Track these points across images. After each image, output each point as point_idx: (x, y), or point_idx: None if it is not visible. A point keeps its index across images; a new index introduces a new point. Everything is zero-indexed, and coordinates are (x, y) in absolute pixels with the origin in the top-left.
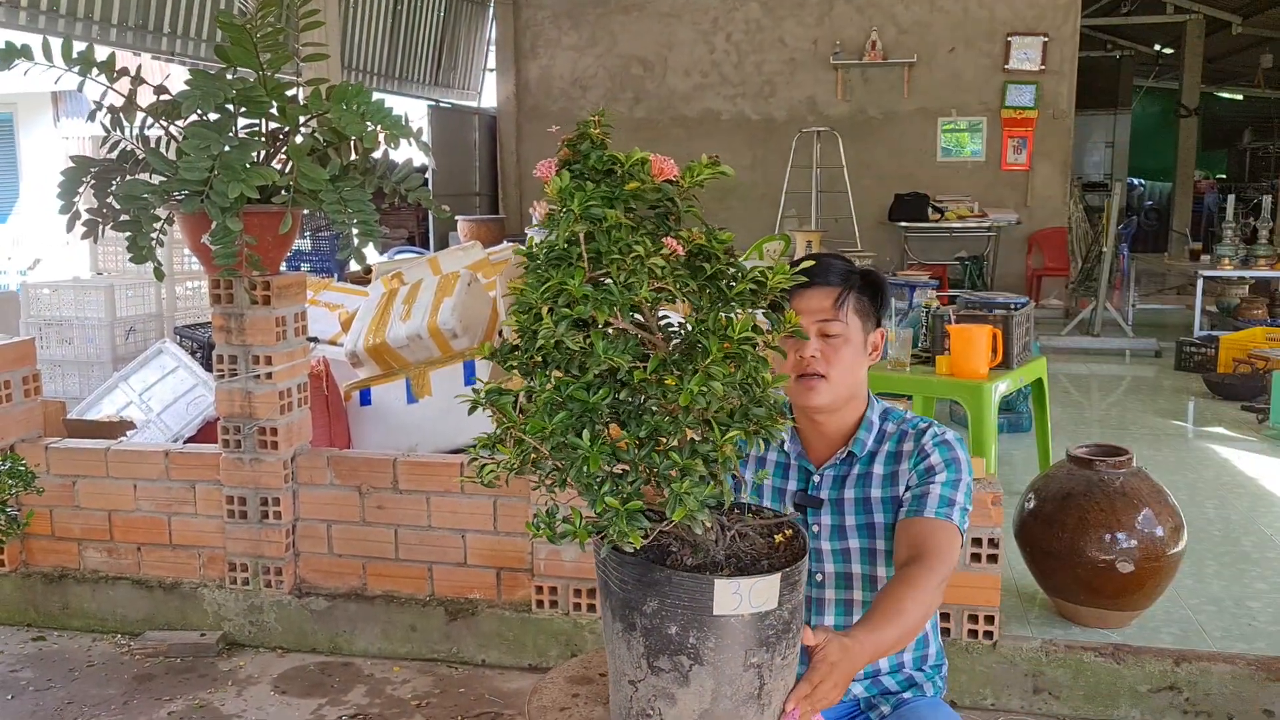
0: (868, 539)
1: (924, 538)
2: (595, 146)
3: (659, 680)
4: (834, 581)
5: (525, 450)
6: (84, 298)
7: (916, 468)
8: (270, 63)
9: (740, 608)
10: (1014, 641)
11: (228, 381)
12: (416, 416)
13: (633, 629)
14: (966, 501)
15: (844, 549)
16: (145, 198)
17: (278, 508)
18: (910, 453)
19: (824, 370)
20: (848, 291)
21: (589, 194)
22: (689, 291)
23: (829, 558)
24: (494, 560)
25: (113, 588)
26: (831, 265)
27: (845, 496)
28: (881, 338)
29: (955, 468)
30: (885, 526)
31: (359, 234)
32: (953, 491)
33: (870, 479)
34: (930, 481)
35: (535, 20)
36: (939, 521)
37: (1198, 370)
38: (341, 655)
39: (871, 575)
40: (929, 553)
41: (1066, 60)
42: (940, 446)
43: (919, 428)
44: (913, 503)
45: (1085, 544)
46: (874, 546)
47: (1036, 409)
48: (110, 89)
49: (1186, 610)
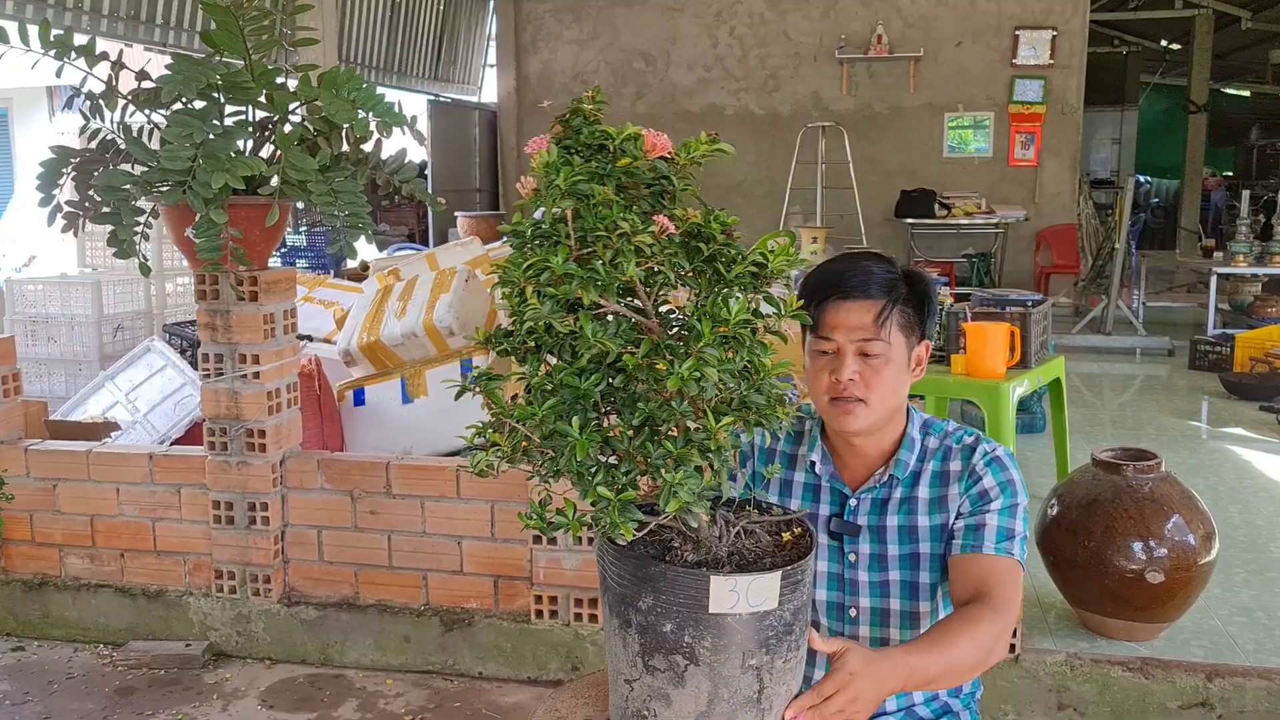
0: (911, 570)
1: (986, 577)
2: (588, 122)
3: (654, 680)
4: (869, 617)
5: (516, 439)
6: (69, 294)
7: (969, 492)
8: (258, 48)
9: (737, 606)
10: (1037, 655)
11: (213, 381)
12: (412, 417)
13: (628, 625)
14: (1025, 529)
15: (883, 581)
16: (126, 189)
17: (266, 513)
18: (959, 474)
19: (863, 395)
20: (892, 306)
21: (576, 169)
22: (685, 274)
23: (865, 590)
24: (491, 568)
25: (95, 596)
26: (873, 275)
27: (887, 524)
28: (927, 350)
29: (1011, 491)
30: (932, 557)
31: (348, 227)
32: (1010, 520)
33: (915, 504)
34: (985, 509)
35: (536, 13)
36: (1000, 559)
37: (1213, 369)
38: (332, 667)
39: (912, 612)
40: (994, 596)
41: (1075, 54)
42: (993, 466)
43: (965, 443)
44: (967, 535)
45: (1113, 553)
46: (917, 580)
47: (1054, 410)
48: (90, 75)
49: (1216, 621)
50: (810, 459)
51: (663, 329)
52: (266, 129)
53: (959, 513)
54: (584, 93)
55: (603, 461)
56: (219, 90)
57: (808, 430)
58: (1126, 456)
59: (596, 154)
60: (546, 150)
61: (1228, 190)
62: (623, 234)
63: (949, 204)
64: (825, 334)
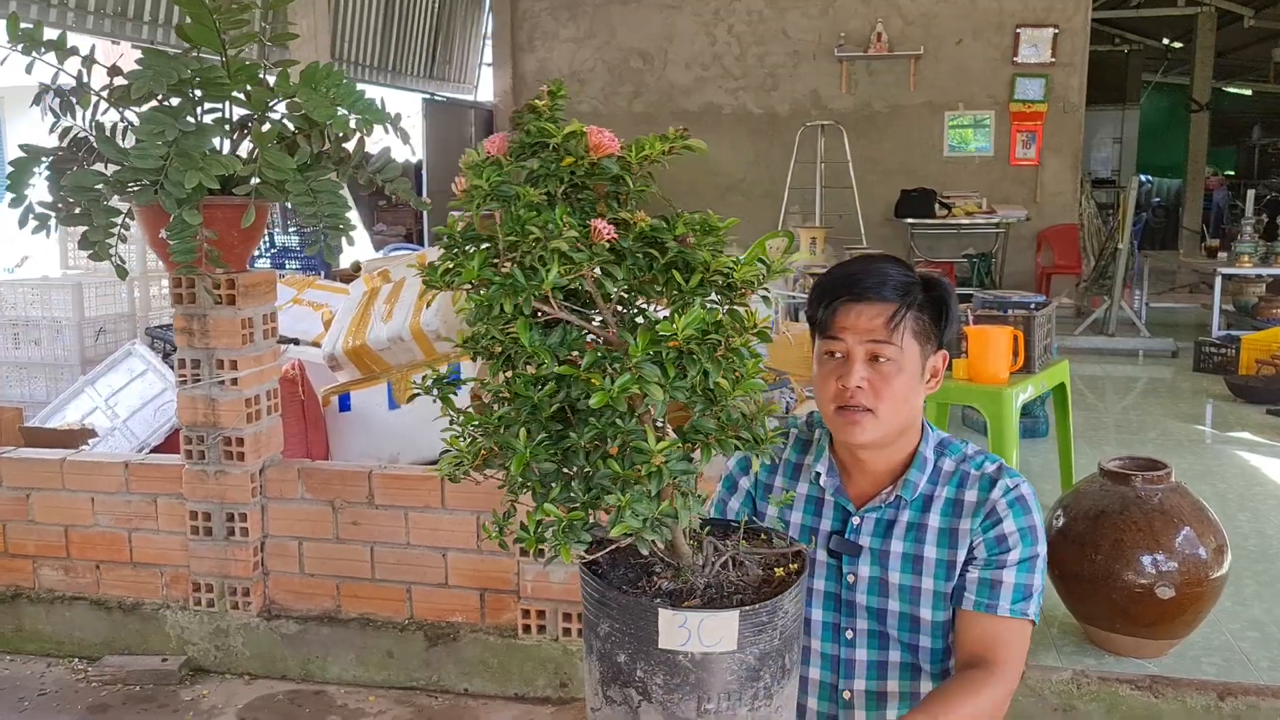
0: (910, 604)
1: (993, 641)
2: (537, 119)
3: (612, 711)
4: (867, 640)
5: (476, 447)
6: (50, 296)
7: (986, 534)
8: (234, 42)
9: (689, 644)
10: (1042, 672)
11: (190, 388)
12: (399, 424)
13: (590, 651)
14: (1042, 580)
15: (881, 609)
16: (98, 189)
17: (245, 524)
18: (975, 507)
19: (871, 404)
20: (905, 309)
21: (505, 168)
22: (644, 281)
23: (863, 614)
24: (477, 581)
25: (69, 608)
26: (887, 276)
27: (891, 549)
28: (944, 361)
29: (1031, 539)
30: (935, 595)
31: (330, 228)
32: (1029, 576)
33: (924, 532)
34: (1003, 561)
35: (533, 11)
36: (1013, 622)
37: (1217, 372)
38: (313, 683)
39: (912, 644)
40: (998, 662)
41: (1077, 52)
42: (1015, 508)
43: (986, 472)
44: (981, 591)
45: (1121, 567)
46: (917, 614)
47: (1058, 415)
48: (61, 71)
49: (1228, 636)
50: (816, 470)
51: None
52: (245, 128)
53: (972, 557)
54: (580, 94)
55: (564, 476)
56: (193, 86)
57: (816, 439)
58: (1135, 466)
59: (539, 153)
60: (474, 149)
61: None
62: (537, 239)
63: (949, 204)
64: (834, 335)
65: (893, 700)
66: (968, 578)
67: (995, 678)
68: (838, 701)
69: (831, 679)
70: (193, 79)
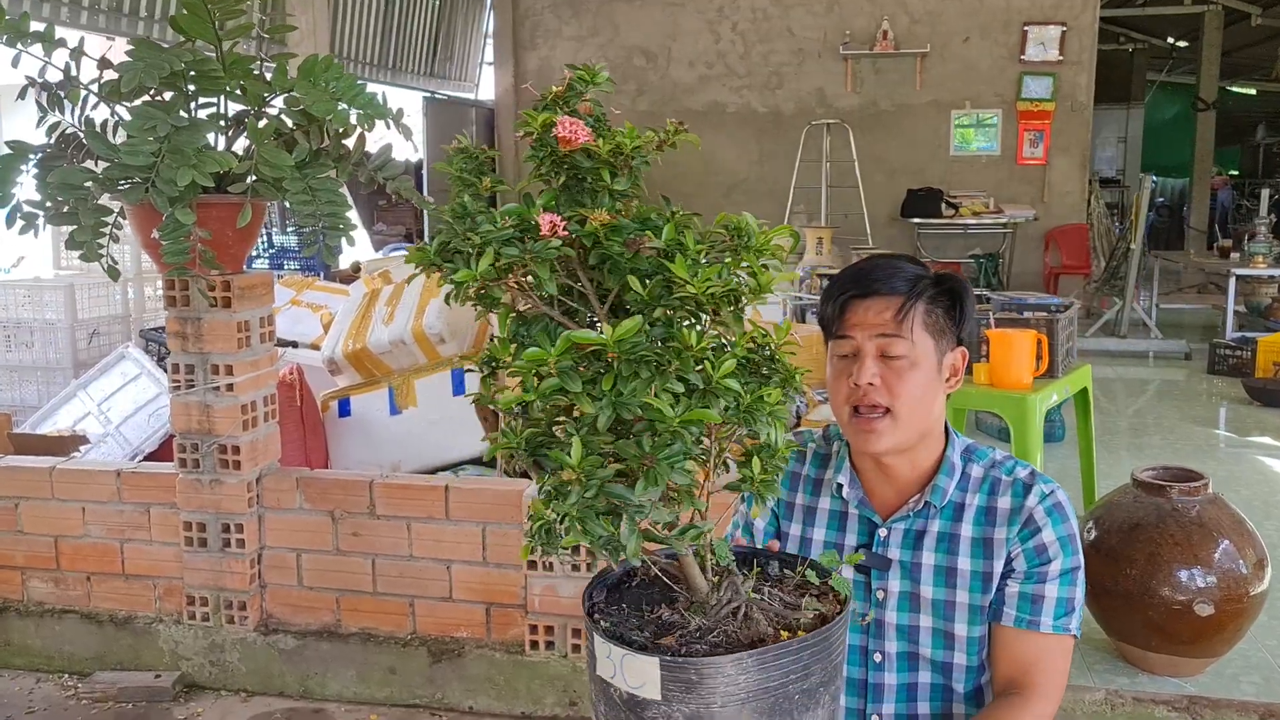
0: (945, 619)
1: (1031, 662)
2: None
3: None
4: (896, 664)
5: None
6: (42, 298)
7: (1025, 544)
8: (230, 34)
9: (615, 678)
10: (1074, 692)
11: (184, 393)
12: (400, 429)
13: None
14: (1083, 593)
15: (913, 626)
16: (86, 187)
17: (241, 535)
18: (1009, 514)
19: (886, 401)
20: (914, 301)
21: (474, 159)
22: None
23: (893, 634)
24: (483, 595)
25: (59, 622)
26: (897, 270)
27: (922, 561)
28: (963, 359)
29: (1072, 549)
30: (971, 609)
31: (328, 228)
32: (1071, 589)
33: (956, 543)
34: (1044, 574)
35: (535, 9)
36: (1055, 639)
37: (1233, 374)
38: (312, 700)
39: (945, 662)
40: (1034, 685)
41: (1085, 50)
42: (1054, 516)
43: (1019, 477)
44: (1023, 606)
45: (1157, 583)
46: (951, 630)
47: (1080, 421)
48: (48, 64)
49: (1265, 654)
50: (837, 481)
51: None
52: (241, 123)
53: (1011, 569)
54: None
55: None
56: (187, 80)
57: (835, 452)
58: (1170, 476)
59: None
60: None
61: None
62: (465, 230)
63: (956, 203)
64: (843, 333)
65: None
66: (1007, 592)
67: (1034, 704)
68: None
69: (859, 705)
70: (186, 72)
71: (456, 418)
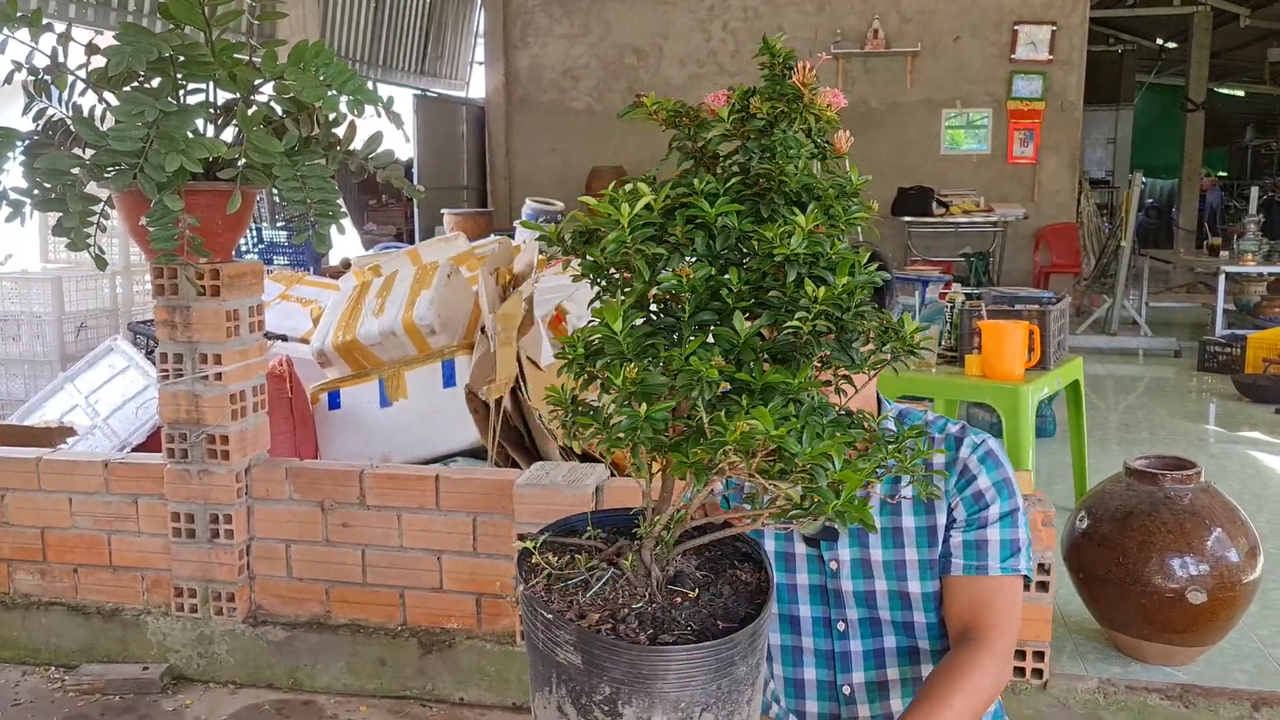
0: (898, 579)
1: (983, 604)
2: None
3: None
4: (859, 629)
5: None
6: (29, 291)
7: (963, 493)
8: (219, 20)
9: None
10: (1067, 681)
11: (172, 383)
12: (391, 421)
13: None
14: (1027, 534)
15: (869, 591)
16: (73, 173)
17: (230, 525)
18: (945, 468)
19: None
20: None
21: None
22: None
23: (851, 602)
24: (474, 585)
25: (46, 614)
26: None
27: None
28: None
29: (1008, 492)
30: (921, 564)
31: (319, 215)
32: (1013, 530)
33: (899, 506)
34: (984, 519)
35: (525, 7)
36: (1006, 579)
37: (1222, 371)
38: (302, 692)
39: (906, 622)
40: (988, 625)
41: (1075, 50)
42: (987, 463)
43: (950, 433)
44: (968, 553)
45: (1150, 571)
46: (906, 589)
47: (1072, 414)
48: (35, 49)
49: (1257, 643)
50: None
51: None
52: (231, 111)
53: (953, 519)
54: (574, 91)
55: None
56: (175, 66)
57: None
58: (1162, 465)
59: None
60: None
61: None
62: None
63: (947, 202)
64: None
65: (894, 688)
66: (951, 543)
67: (986, 648)
68: (838, 699)
69: (829, 676)
70: (175, 57)
71: (447, 410)
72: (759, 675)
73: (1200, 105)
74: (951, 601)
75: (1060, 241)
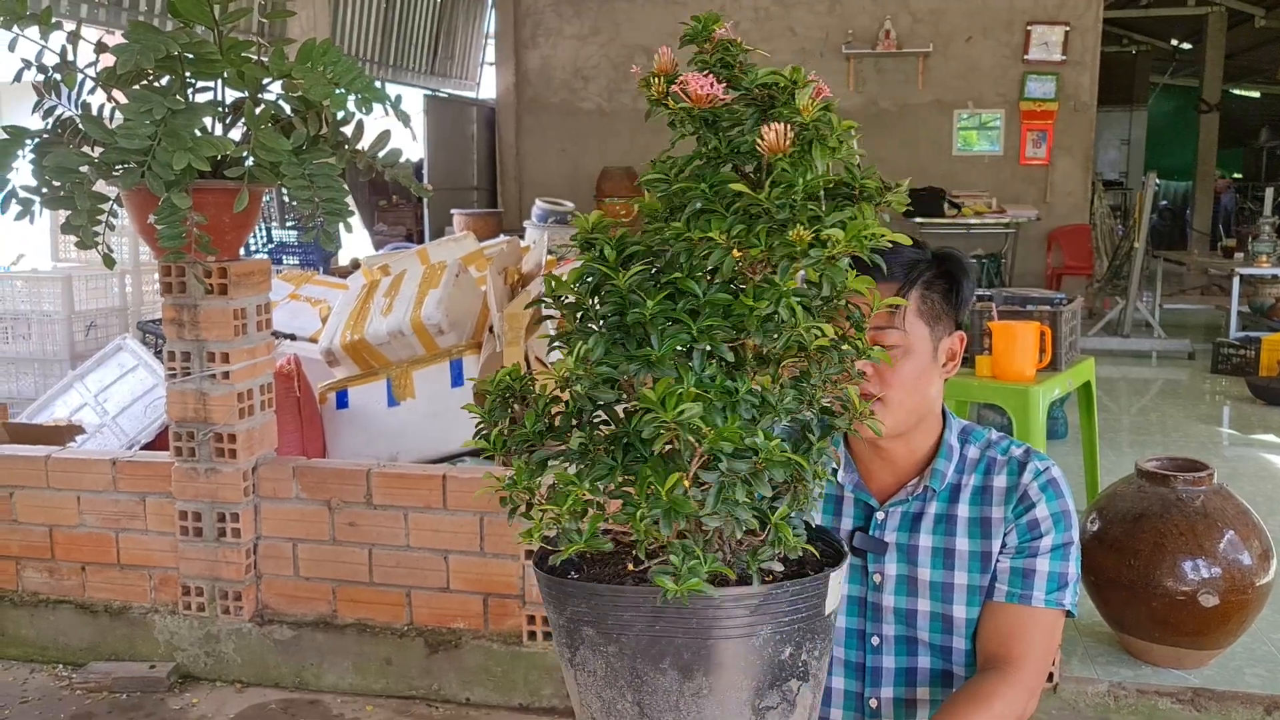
0: (943, 602)
1: (1019, 633)
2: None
3: None
4: (894, 646)
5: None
6: (39, 290)
7: (1019, 520)
8: (227, 18)
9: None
10: (1077, 684)
11: (180, 381)
12: (398, 421)
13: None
14: (1077, 569)
15: (911, 610)
16: (81, 171)
17: (237, 524)
18: (1005, 492)
19: (878, 391)
20: (909, 288)
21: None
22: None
23: (890, 617)
24: (480, 585)
25: (54, 612)
26: (894, 251)
27: (919, 543)
28: (961, 343)
29: (1065, 525)
30: (970, 590)
31: (327, 213)
32: (1063, 563)
33: (954, 524)
34: (1035, 548)
35: (536, 8)
36: (1047, 613)
37: (1237, 373)
38: (308, 691)
39: (944, 646)
40: (1021, 655)
41: (1089, 50)
42: (1048, 492)
43: (1014, 455)
44: (1014, 580)
45: (1161, 574)
46: (950, 613)
47: (1083, 416)
48: (45, 47)
49: (1270, 647)
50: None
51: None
52: (239, 109)
53: (1004, 546)
54: (584, 91)
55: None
56: (183, 64)
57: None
58: (1174, 467)
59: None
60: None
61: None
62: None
63: (959, 203)
64: None
65: (922, 708)
66: (999, 568)
67: (1010, 680)
68: (864, 711)
69: (857, 688)
70: (183, 55)
71: (455, 410)
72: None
73: (1215, 106)
74: (986, 625)
75: (1073, 243)
